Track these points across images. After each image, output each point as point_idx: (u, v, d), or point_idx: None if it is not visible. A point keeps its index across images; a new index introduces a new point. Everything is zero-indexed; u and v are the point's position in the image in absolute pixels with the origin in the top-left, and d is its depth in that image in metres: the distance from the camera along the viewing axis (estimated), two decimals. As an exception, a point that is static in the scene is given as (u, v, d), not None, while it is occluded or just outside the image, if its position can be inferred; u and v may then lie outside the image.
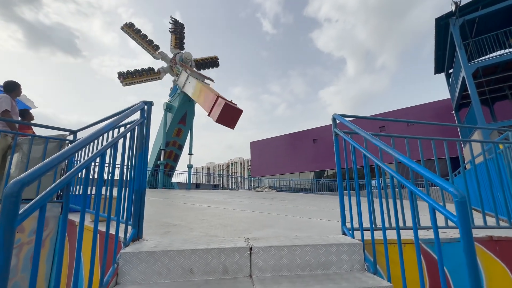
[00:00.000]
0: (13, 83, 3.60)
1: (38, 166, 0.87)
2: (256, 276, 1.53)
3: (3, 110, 3.27)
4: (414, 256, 1.79)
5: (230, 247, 1.56)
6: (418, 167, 1.28)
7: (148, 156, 2.07)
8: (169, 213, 3.61)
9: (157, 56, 13.96)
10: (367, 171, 1.90)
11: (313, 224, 2.79)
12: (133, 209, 1.82)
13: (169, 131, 13.05)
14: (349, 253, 1.69)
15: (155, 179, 12.50)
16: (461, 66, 10.34)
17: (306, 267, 1.61)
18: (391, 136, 2.34)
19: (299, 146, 27.92)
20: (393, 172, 1.53)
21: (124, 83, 13.46)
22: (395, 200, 1.92)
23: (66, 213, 1.12)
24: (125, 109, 2.05)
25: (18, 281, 2.78)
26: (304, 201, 6.78)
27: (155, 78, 14.21)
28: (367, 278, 1.51)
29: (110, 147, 1.53)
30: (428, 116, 19.73)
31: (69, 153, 1.06)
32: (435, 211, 1.21)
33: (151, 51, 13.86)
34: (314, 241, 1.75)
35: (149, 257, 1.46)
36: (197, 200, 5.89)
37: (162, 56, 14.15)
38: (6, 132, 3.25)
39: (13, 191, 0.76)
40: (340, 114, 2.21)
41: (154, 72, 14.08)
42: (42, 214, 0.94)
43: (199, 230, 2.28)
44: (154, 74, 14.07)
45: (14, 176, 3.12)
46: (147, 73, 13.88)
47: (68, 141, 3.51)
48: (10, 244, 0.75)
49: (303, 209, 4.51)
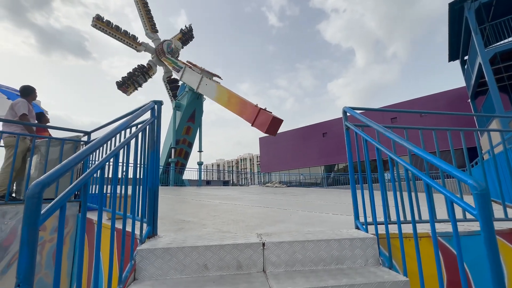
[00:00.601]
0: (29, 87, 3.73)
1: (56, 168, 0.90)
2: (269, 271, 1.54)
3: (21, 114, 3.39)
4: (430, 250, 1.76)
5: (243, 243, 1.57)
6: (434, 159, 1.24)
7: (159, 154, 2.11)
8: (181, 210, 3.68)
9: (140, 48, 13.33)
10: (380, 164, 1.87)
11: (325, 218, 2.77)
12: (148, 206, 1.86)
13: (179, 129, 13.23)
14: (363, 248, 1.68)
15: (166, 176, 12.74)
16: (477, 52, 9.89)
17: (319, 262, 1.60)
18: (404, 128, 2.28)
19: (309, 140, 27.69)
20: (408, 164, 1.49)
21: (96, 24, 12.32)
22: (410, 193, 1.88)
23: (84, 212, 1.16)
24: (136, 109, 2.08)
25: (42, 276, 2.92)
26: (315, 196, 6.74)
27: (132, 45, 13.23)
28: (383, 273, 1.49)
29: (123, 147, 1.56)
30: (441, 105, 19.08)
31: (84, 155, 1.10)
32: (453, 203, 1.17)
33: (130, 43, 13.10)
34: (327, 235, 1.74)
35: (164, 254, 1.49)
36: (208, 196, 5.97)
37: (145, 47, 13.54)
38: (25, 135, 3.38)
39: (35, 192, 0.79)
40: (351, 107, 2.17)
41: (135, 40, 13.16)
42: (62, 213, 0.97)
43: (212, 226, 2.31)
44: (133, 41, 13.16)
45: (34, 177, 3.26)
46: (126, 35, 12.92)
47: (82, 142, 3.61)
48: (35, 242, 0.78)
49: (314, 204, 4.49)
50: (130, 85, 13.12)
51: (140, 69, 13.37)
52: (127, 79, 12.99)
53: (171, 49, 13.51)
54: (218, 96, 10.65)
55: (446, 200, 1.34)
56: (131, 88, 13.23)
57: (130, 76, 13.08)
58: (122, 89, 12.96)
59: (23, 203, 2.97)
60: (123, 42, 13.03)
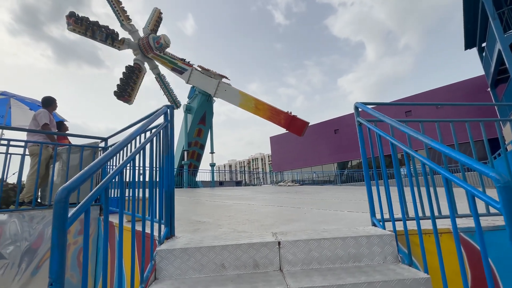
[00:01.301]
0: (49, 98, 3.92)
1: (80, 174, 0.95)
2: (286, 269, 1.55)
3: (43, 123, 3.57)
4: (451, 246, 1.70)
5: (259, 242, 1.59)
6: (453, 153, 1.21)
7: (174, 157, 2.16)
8: (197, 211, 3.75)
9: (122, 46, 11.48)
10: (395, 159, 1.83)
11: (340, 216, 2.74)
12: (165, 208, 1.91)
13: (190, 131, 13.43)
14: (381, 245, 1.65)
15: (180, 179, 12.98)
16: (495, 38, 9.41)
17: (336, 260, 1.59)
18: (420, 121, 2.22)
19: (320, 137, 27.37)
20: (425, 159, 1.45)
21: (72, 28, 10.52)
22: (428, 188, 1.82)
23: (106, 216, 1.22)
24: (149, 114, 2.14)
25: (68, 277, 3.06)
26: (329, 194, 6.67)
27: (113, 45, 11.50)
28: (402, 270, 1.46)
29: (139, 152, 1.61)
30: (459, 96, 18.31)
31: (104, 161, 1.15)
32: (474, 198, 1.13)
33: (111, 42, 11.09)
34: (343, 233, 1.72)
35: (183, 254, 1.53)
36: (222, 197, 6.03)
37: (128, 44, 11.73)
38: (47, 143, 3.56)
39: (62, 197, 0.84)
40: (363, 102, 2.13)
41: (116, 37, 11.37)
42: (87, 216, 1.02)
43: (227, 226, 2.34)
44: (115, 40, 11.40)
45: (57, 183, 3.43)
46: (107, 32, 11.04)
47: (100, 148, 3.75)
48: (64, 244, 0.83)
49: (328, 202, 4.44)
50: (131, 93, 11.64)
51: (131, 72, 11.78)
52: (125, 87, 11.51)
53: (160, 45, 11.77)
54: (243, 103, 11.36)
55: (467, 195, 1.30)
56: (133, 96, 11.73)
57: (126, 83, 11.58)
58: (123, 99, 11.52)
59: (48, 208, 3.14)
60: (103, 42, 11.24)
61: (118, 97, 11.41)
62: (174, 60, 12.69)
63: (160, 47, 11.76)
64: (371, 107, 2.10)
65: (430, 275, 1.42)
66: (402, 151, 1.71)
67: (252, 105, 11.31)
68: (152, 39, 11.78)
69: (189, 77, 12.41)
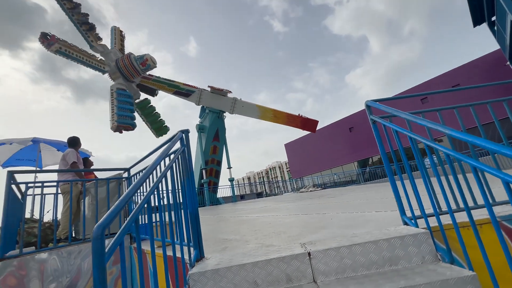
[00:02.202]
0: (74, 138, 4.20)
1: (111, 211, 1.01)
2: (320, 280, 1.51)
3: (72, 162, 3.81)
4: (495, 237, 1.59)
5: (289, 255, 1.57)
6: (479, 141, 1.15)
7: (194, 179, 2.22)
8: (222, 228, 3.76)
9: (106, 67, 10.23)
10: (416, 152, 1.77)
11: (368, 218, 2.65)
12: (191, 231, 1.95)
13: (206, 150, 13.68)
14: (417, 244, 1.57)
15: (202, 197, 13.13)
16: (505, 10, 8.97)
17: (371, 265, 1.54)
18: (437, 110, 2.14)
19: (336, 138, 26.86)
20: (448, 150, 1.40)
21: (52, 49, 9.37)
22: (457, 177, 1.73)
23: (139, 245, 1.27)
24: (166, 141, 2.24)
25: (108, 308, 3.15)
26: (354, 194, 6.46)
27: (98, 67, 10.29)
28: (444, 269, 1.38)
29: (161, 179, 1.68)
30: (477, 74, 17.44)
31: (130, 195, 1.21)
32: (509, 184, 1.07)
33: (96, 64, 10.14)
34: (374, 236, 1.66)
35: (214, 275, 1.55)
36: (245, 211, 6.02)
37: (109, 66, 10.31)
38: (76, 181, 3.77)
39: (98, 234, 0.90)
40: (373, 100, 2.10)
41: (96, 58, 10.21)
42: (122, 248, 1.08)
43: (255, 242, 2.33)
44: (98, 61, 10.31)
45: (88, 217, 3.60)
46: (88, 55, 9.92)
47: (124, 178, 3.92)
48: (104, 278, 0.88)
49: (354, 203, 4.31)
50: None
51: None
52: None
53: (147, 66, 10.53)
54: (262, 115, 13.23)
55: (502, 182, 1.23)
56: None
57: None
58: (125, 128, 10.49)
59: (83, 242, 3.29)
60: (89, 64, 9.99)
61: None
62: (174, 82, 12.27)
63: (147, 68, 10.51)
64: (383, 103, 2.06)
65: (476, 272, 1.33)
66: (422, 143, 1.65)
67: (271, 115, 13.19)
68: (135, 60, 10.28)
69: (199, 98, 12.80)
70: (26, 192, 3.31)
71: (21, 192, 3.37)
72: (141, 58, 10.53)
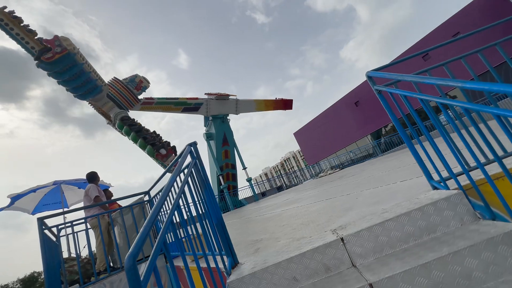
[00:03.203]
0: (92, 174, 4.33)
1: (137, 239, 1.02)
2: (360, 263, 1.48)
3: (94, 196, 3.92)
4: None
5: (322, 245, 1.54)
6: (497, 87, 1.07)
7: (212, 188, 2.22)
8: (250, 229, 3.77)
9: None
10: (430, 112, 1.68)
11: (394, 189, 2.57)
12: (221, 239, 1.95)
13: (218, 156, 13.77)
14: (452, 207, 1.50)
15: (224, 203, 13.26)
16: None
17: (408, 238, 1.48)
18: (443, 64, 2.03)
19: (343, 115, 26.38)
20: (466, 103, 1.32)
21: None
22: (479, 128, 1.63)
23: (172, 264, 1.27)
24: (177, 158, 2.25)
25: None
26: (374, 168, 6.32)
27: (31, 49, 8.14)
28: (487, 227, 1.31)
29: (180, 196, 1.69)
30: (477, 17, 16.58)
31: (152, 219, 1.21)
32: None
33: None
34: (405, 208, 1.60)
35: (253, 279, 1.54)
36: (269, 208, 6.02)
37: None
38: (102, 214, 3.89)
39: (130, 265, 0.90)
40: (374, 70, 2.02)
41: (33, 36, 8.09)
42: (156, 272, 1.08)
43: (285, 237, 2.31)
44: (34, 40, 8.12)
45: (121, 245, 3.70)
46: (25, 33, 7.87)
47: (146, 201, 4.00)
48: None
49: (376, 177, 4.21)
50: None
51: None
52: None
53: (144, 88, 9.74)
54: (257, 107, 14.87)
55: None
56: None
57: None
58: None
59: (122, 270, 3.39)
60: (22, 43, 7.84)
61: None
62: (179, 100, 11.73)
63: (144, 90, 9.66)
64: (384, 71, 1.98)
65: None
66: (435, 103, 1.57)
67: (263, 105, 15.12)
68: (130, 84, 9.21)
69: (208, 109, 13.00)
70: (59, 234, 3.44)
71: (54, 235, 3.50)
72: (132, 81, 9.32)
